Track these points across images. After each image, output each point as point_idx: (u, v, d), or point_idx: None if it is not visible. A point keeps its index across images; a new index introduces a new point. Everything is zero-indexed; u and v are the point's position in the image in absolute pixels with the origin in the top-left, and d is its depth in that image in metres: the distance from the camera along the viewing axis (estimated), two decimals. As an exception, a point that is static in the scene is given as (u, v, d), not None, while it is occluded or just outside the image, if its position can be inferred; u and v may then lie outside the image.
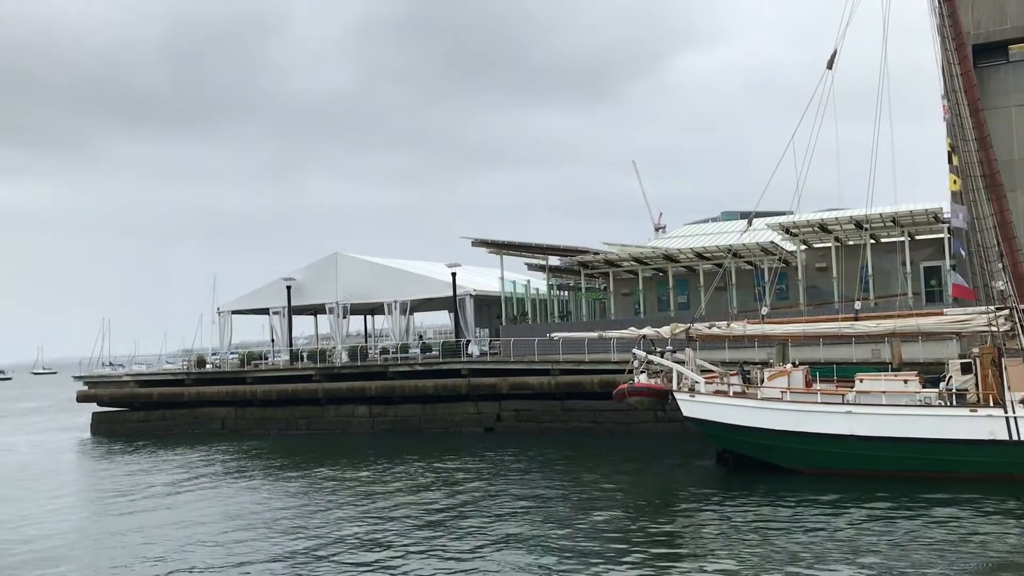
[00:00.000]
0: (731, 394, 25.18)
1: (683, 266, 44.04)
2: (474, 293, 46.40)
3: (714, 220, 60.64)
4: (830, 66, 26.04)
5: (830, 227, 38.76)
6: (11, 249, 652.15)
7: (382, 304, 49.32)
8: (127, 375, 51.75)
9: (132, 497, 25.76)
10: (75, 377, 54.03)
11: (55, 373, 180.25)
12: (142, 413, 45.48)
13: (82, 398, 48.36)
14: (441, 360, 41.39)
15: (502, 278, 47.22)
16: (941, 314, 26.02)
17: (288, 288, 49.42)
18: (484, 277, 52.76)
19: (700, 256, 42.28)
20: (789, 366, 26.57)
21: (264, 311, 52.54)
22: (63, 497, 26.93)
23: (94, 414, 46.99)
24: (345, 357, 45.27)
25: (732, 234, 47.04)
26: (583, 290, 49.13)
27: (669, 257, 43.20)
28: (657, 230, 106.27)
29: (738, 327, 27.39)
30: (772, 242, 40.17)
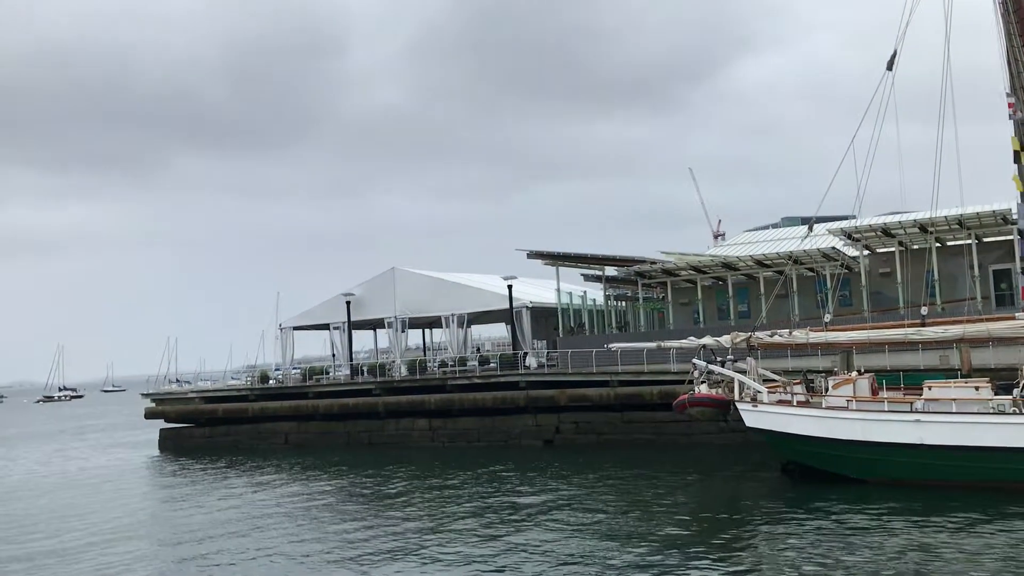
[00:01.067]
0: (795, 403, 24.71)
1: (743, 274, 43.46)
2: (531, 305, 46.40)
3: (774, 226, 59.83)
4: (890, 67, 25.56)
5: (893, 231, 37.90)
6: (82, 270, 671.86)
7: (439, 318, 49.63)
8: (193, 392, 52.84)
9: (202, 514, 26.22)
10: (143, 394, 55.34)
11: (124, 391, 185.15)
12: (208, 429, 46.38)
13: (150, 415, 49.49)
14: (499, 373, 41.42)
15: (558, 290, 47.16)
16: (1012, 318, 25.21)
17: (347, 303, 50.03)
18: (540, 289, 52.75)
19: (760, 263, 41.70)
20: (854, 374, 26.00)
21: (325, 326, 53.26)
22: (133, 514, 27.53)
23: (162, 430, 48.05)
24: (404, 371, 45.61)
25: (793, 240, 46.36)
26: (641, 300, 48.77)
27: (728, 265, 42.67)
28: (716, 237, 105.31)
29: (801, 335, 26.91)
30: (834, 248, 39.43)
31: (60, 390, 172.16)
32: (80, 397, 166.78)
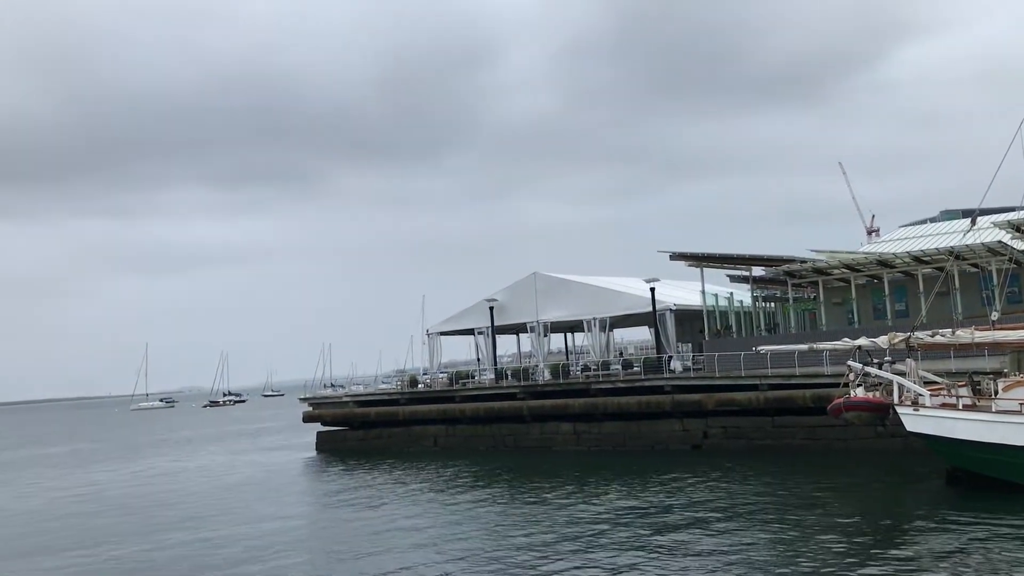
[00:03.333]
0: (960, 407, 23.31)
1: (900, 271, 41.43)
2: (674, 308, 45.76)
3: (932, 221, 56.57)
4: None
5: (1068, 222, 35.22)
6: (246, 281, 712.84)
7: (582, 321, 49.66)
8: (346, 396, 54.96)
9: (357, 512, 27.24)
10: (300, 399, 58.08)
11: (282, 395, 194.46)
12: (361, 432, 48.14)
13: (307, 418, 51.82)
14: (643, 377, 41.04)
15: (703, 291, 46.33)
16: None
17: (491, 309, 50.81)
18: (684, 291, 51.98)
19: (918, 260, 39.61)
20: (1028, 376, 24.27)
21: (469, 331, 54.30)
22: (292, 513, 28.88)
23: (318, 433, 50.24)
24: (547, 375, 45.88)
25: (954, 235, 43.85)
26: (791, 301, 47.25)
27: (884, 262, 40.76)
28: (870, 234, 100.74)
29: (965, 335, 25.38)
30: (1000, 242, 37.01)
31: (225, 395, 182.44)
32: (243, 402, 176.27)
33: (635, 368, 44.38)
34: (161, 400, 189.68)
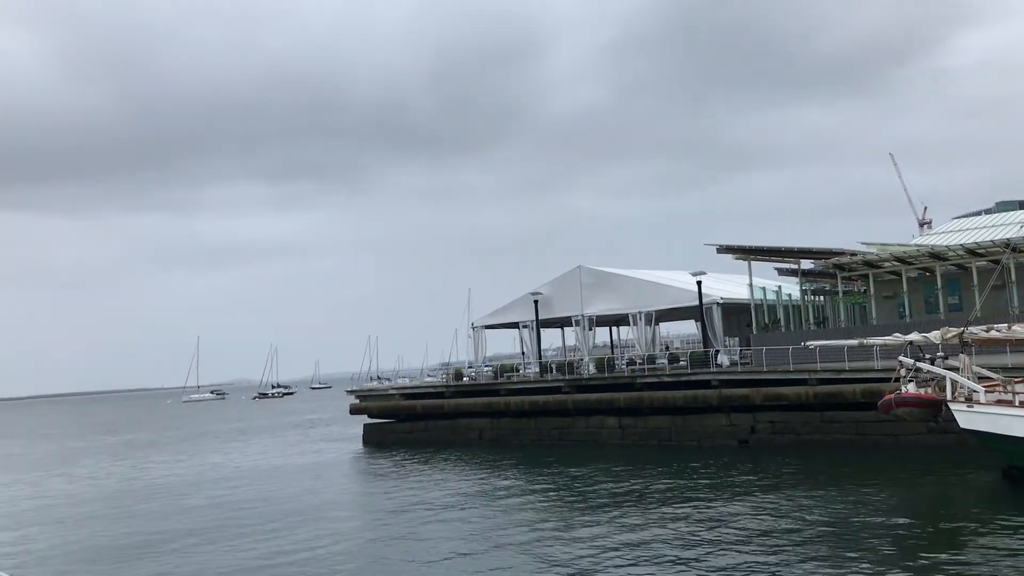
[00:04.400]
0: (1017, 404, 22.77)
1: (953, 264, 40.54)
2: (721, 301, 45.34)
3: (987, 212, 55.23)
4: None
5: None
6: (296, 275, 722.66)
7: (627, 315, 49.39)
8: (393, 388, 55.44)
9: (404, 505, 27.49)
10: (347, 391, 58.74)
11: (330, 387, 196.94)
12: (407, 424, 48.53)
13: (354, 410, 52.37)
14: (690, 371, 40.75)
15: (751, 285, 45.80)
16: None
17: (535, 302, 50.82)
18: (731, 284, 51.45)
19: (973, 252, 38.71)
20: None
21: (514, 325, 54.38)
22: (340, 502, 29.24)
23: (365, 425, 50.77)
24: (592, 369, 45.78)
25: (1010, 226, 42.81)
26: (841, 294, 46.50)
27: (936, 255, 39.92)
28: (922, 226, 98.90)
29: (1021, 329, 24.79)
30: (1060, 233, 36.02)
31: (273, 387, 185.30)
32: (291, 394, 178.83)
33: (681, 362, 44.05)
34: (212, 392, 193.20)
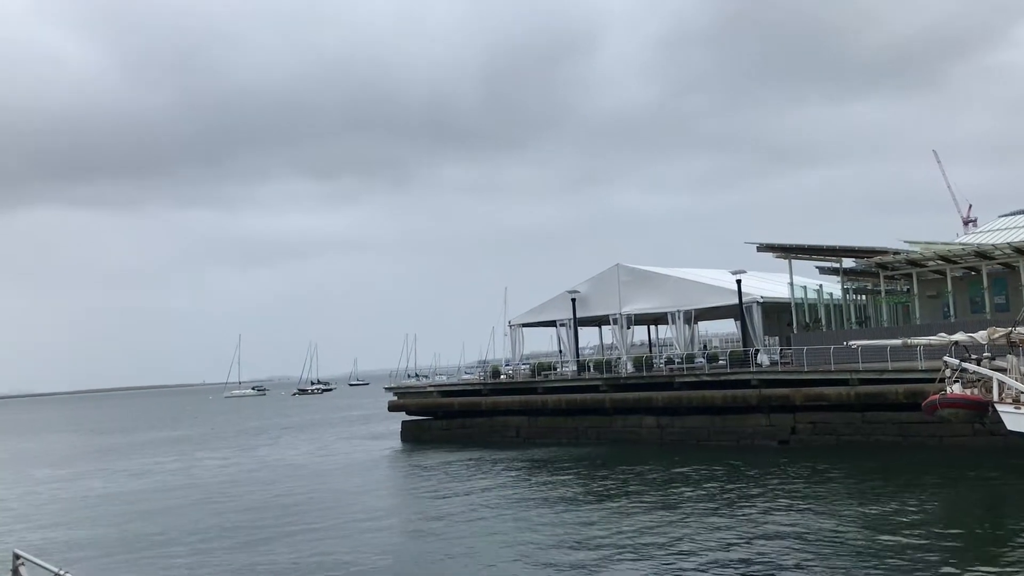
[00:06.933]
0: (1066, 406, 22.28)
1: (999, 263, 39.76)
2: (761, 300, 44.92)
3: (1035, 209, 54.05)
4: None
5: None
6: (337, 271, 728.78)
7: (665, 314, 49.15)
8: (431, 386, 55.72)
9: (442, 501, 27.65)
10: (386, 388, 59.19)
11: (367, 384, 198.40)
12: (445, 422, 48.74)
13: (393, 407, 52.73)
14: (729, 370, 40.45)
15: (791, 283, 45.31)
16: None
17: (573, 301, 50.75)
18: (771, 283, 50.95)
19: (1020, 251, 37.95)
20: None
21: (551, 323, 54.35)
22: (381, 500, 29.47)
23: (403, 422, 51.09)
24: (630, 367, 45.60)
25: (1059, 225, 41.84)
26: (883, 293, 45.85)
27: (982, 254, 39.19)
28: (966, 224, 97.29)
29: (1072, 330, 24.23)
30: (1111, 231, 35.18)
31: (312, 384, 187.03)
32: (330, 390, 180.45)
33: (721, 361, 43.74)
34: (253, 388, 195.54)
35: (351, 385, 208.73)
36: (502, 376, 52.75)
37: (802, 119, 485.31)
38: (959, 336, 25.86)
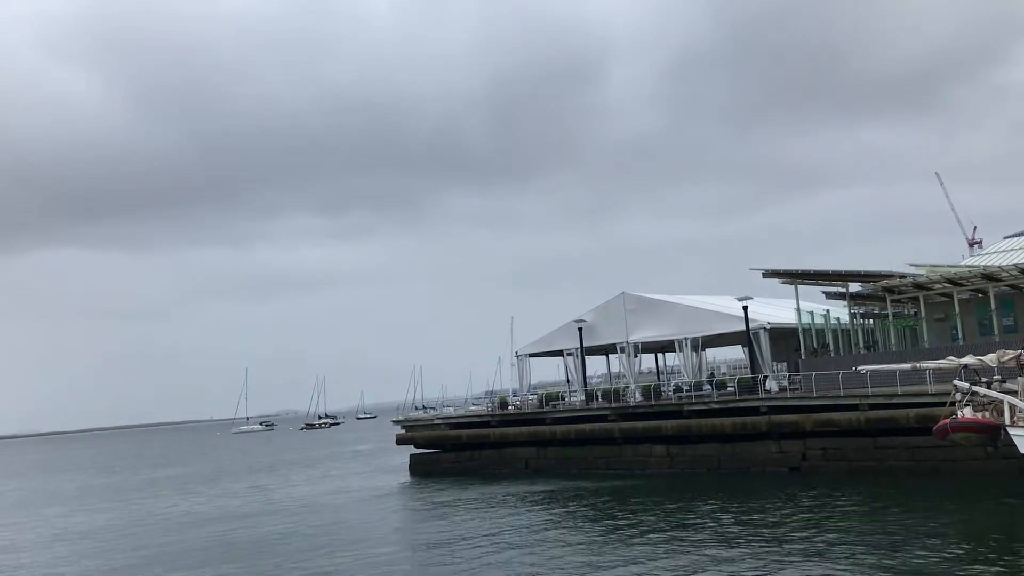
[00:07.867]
0: (1079, 428, 22.11)
1: (1007, 285, 39.66)
2: (768, 326, 44.82)
3: (1040, 230, 53.98)
4: None
5: None
6: (343, 305, 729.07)
7: (672, 341, 49.05)
8: (438, 418, 55.49)
9: (457, 537, 27.44)
10: (393, 421, 58.93)
11: (375, 417, 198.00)
12: (453, 454, 48.49)
13: (401, 440, 52.48)
14: (737, 397, 40.26)
15: (798, 309, 45.23)
16: None
17: (580, 330, 50.68)
18: (778, 309, 50.84)
19: (1027, 272, 37.89)
20: None
21: (558, 353, 54.24)
22: (387, 535, 29.26)
23: (412, 456, 50.84)
24: (639, 396, 45.42)
25: (1065, 245, 41.79)
26: (891, 317, 45.74)
27: (989, 276, 39.12)
28: (971, 245, 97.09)
29: (1082, 351, 24.10)
30: (1118, 251, 35.13)
31: (320, 418, 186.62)
32: (338, 424, 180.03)
33: (729, 388, 43.54)
34: (261, 423, 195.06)
35: (359, 418, 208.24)
36: (510, 407, 52.55)
37: (810, 144, 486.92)
38: (968, 359, 25.76)
